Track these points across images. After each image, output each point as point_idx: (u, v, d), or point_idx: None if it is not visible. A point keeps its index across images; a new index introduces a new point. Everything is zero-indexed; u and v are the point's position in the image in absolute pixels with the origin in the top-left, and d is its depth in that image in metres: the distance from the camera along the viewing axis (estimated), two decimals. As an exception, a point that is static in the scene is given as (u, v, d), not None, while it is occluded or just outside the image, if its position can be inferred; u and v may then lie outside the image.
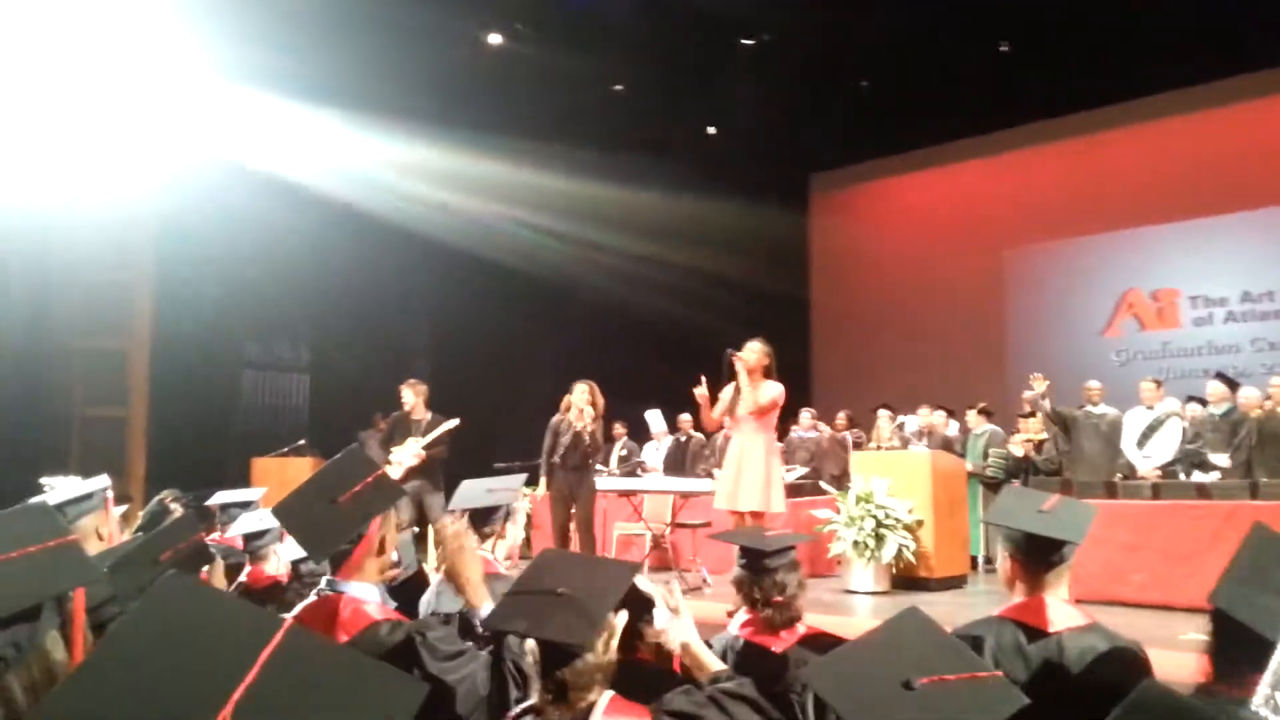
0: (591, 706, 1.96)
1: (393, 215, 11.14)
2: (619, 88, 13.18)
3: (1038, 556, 2.63)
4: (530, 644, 2.04)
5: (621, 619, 2.09)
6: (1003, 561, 2.75)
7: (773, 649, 2.81)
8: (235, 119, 9.96)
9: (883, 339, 15.77)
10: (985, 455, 9.63)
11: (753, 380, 6.27)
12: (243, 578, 4.47)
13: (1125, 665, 2.49)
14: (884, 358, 15.44)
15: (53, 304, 10.04)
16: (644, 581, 2.32)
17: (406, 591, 3.55)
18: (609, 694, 2.00)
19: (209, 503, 5.63)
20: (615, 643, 2.06)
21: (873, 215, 16.73)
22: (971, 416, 10.16)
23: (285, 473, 8.74)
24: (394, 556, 3.51)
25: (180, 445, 9.98)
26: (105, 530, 3.53)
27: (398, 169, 10.96)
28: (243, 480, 9.33)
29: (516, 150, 11.49)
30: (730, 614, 2.94)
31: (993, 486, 9.01)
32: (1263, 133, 12.84)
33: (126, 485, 9.18)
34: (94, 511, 3.47)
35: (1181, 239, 13.65)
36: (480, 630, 2.66)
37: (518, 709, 2.07)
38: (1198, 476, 7.69)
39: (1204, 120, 13.32)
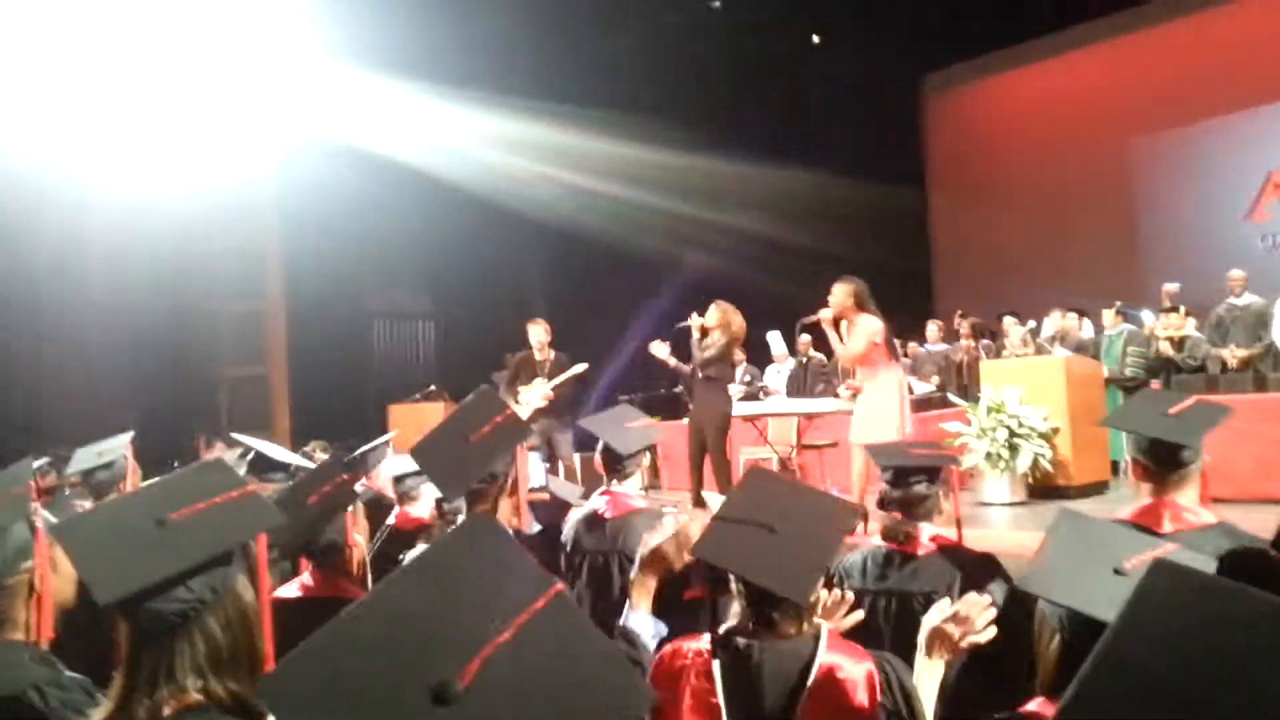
0: (803, 636, 1.92)
1: (492, 188, 11.34)
2: (716, 4, 12.96)
3: (1161, 460, 2.64)
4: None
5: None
6: (1130, 464, 2.78)
7: (917, 554, 2.90)
8: (348, 98, 10.41)
9: (1007, 242, 15.22)
10: (1123, 357, 9.26)
11: (848, 321, 6.15)
12: (391, 520, 4.66)
13: (1247, 563, 2.45)
14: (1010, 261, 14.92)
15: (193, 271, 10.54)
16: None
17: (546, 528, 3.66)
18: (824, 626, 1.96)
19: (354, 455, 5.83)
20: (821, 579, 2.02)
21: (989, 113, 16.05)
22: (1107, 316, 9.74)
23: (419, 418, 9.05)
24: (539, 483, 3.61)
25: (320, 398, 10.43)
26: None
27: (496, 144, 11.22)
28: (381, 428, 9.71)
29: (612, 123, 11.60)
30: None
31: (1132, 389, 8.68)
32: None
33: (274, 440, 9.69)
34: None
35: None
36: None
37: (722, 629, 1.99)
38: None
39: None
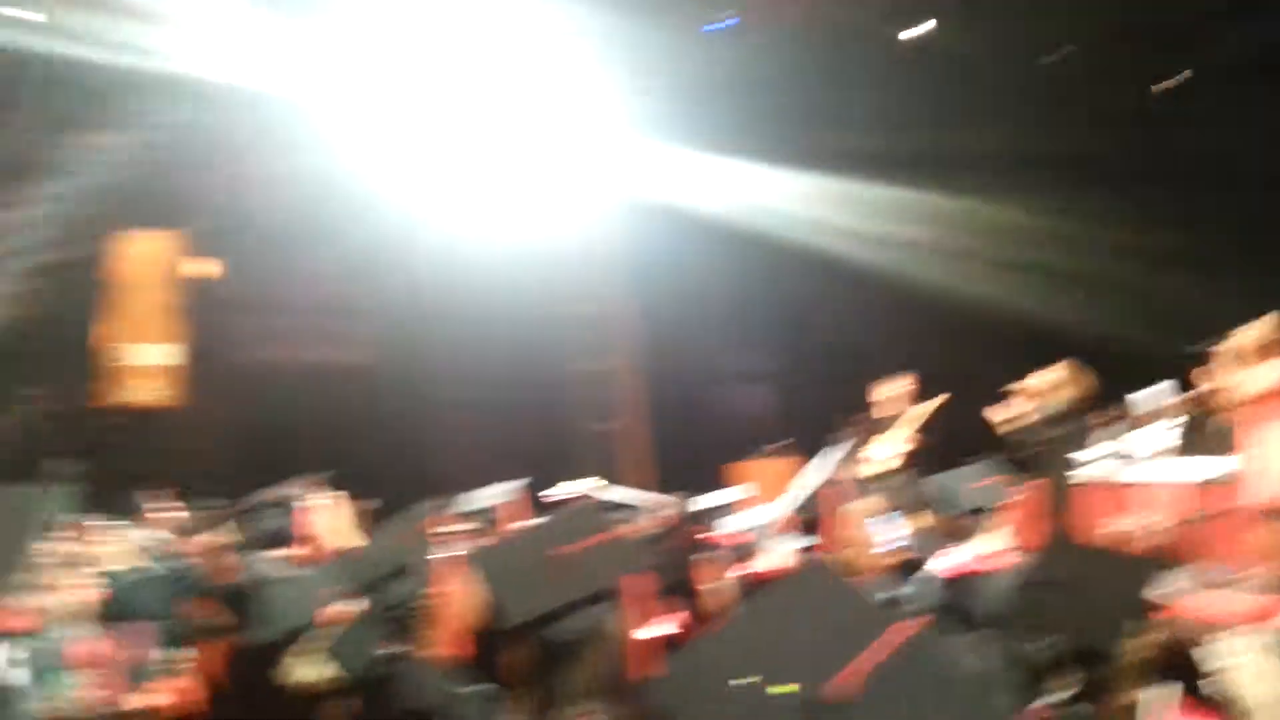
0: (1136, 703, 1.89)
1: (833, 248, 11.39)
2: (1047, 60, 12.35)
3: None
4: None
5: None
6: None
7: None
8: (699, 170, 11.37)
9: None
10: None
11: (1263, 356, 5.53)
12: (743, 570, 4.81)
13: None
14: None
15: (555, 333, 11.74)
16: None
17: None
18: (1173, 690, 1.93)
19: (698, 508, 6.07)
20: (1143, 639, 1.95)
21: None
22: None
23: (766, 473, 9.22)
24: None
25: (670, 453, 11.11)
26: None
27: (840, 204, 11.43)
28: (728, 482, 10.03)
29: (955, 179, 11.24)
30: None
31: None
32: None
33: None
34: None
35: None
36: None
37: (1058, 698, 1.99)
38: None
39: None
